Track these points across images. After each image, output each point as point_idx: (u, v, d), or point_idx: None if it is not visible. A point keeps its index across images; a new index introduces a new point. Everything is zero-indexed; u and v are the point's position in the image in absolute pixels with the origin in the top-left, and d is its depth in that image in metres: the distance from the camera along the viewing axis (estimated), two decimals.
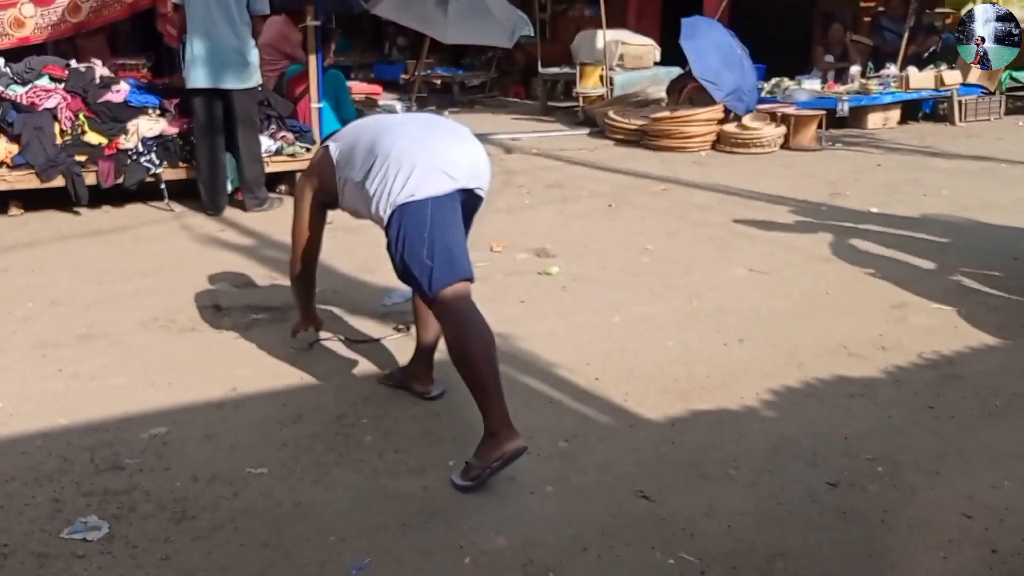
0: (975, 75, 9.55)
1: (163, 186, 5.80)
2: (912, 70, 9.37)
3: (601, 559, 2.23)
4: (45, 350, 3.55)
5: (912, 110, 9.69)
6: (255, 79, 5.70)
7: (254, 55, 5.64)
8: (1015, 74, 9.89)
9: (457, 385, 3.11)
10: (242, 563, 2.21)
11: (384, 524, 2.37)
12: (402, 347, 3.54)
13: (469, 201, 2.82)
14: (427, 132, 2.81)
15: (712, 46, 8.21)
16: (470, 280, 2.73)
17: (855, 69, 9.56)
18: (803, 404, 3.10)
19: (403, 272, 2.73)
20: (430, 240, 2.63)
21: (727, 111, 8.27)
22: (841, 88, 9.27)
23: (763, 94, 8.97)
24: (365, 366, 3.41)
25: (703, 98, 8.27)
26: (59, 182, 5.56)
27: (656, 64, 10.35)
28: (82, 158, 5.63)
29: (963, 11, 10.16)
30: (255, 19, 5.60)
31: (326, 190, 2.98)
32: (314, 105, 6.42)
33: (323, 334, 3.65)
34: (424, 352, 3.12)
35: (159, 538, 2.30)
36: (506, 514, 2.42)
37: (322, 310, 3.96)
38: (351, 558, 2.22)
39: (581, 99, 10.18)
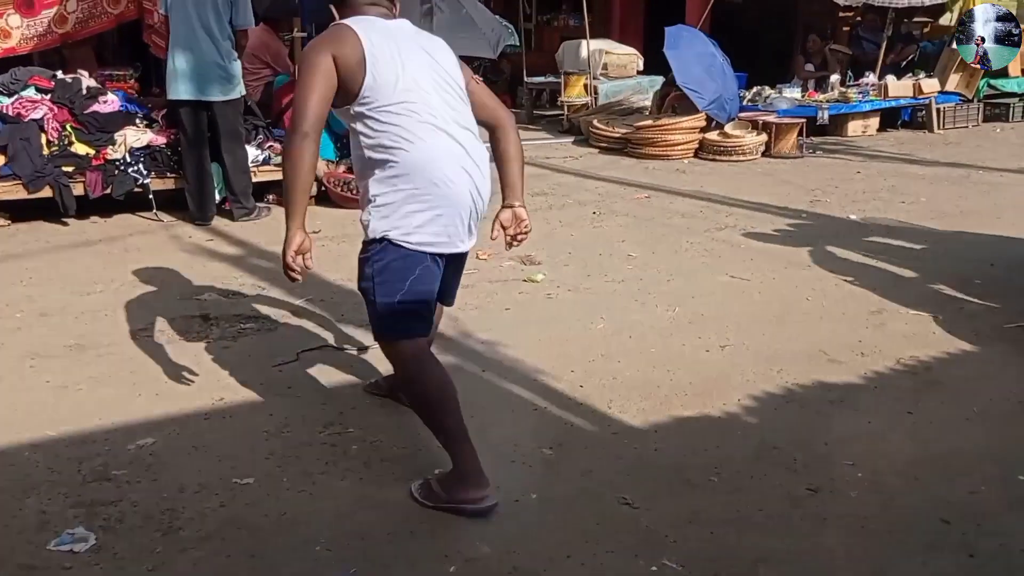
0: (953, 83, 9.67)
1: (151, 196, 5.80)
2: (891, 78, 9.48)
3: (585, 566, 2.26)
4: (34, 361, 3.56)
5: (891, 118, 9.79)
6: (238, 91, 5.71)
7: (236, 68, 5.66)
8: (993, 81, 10.02)
9: None
10: (229, 574, 2.23)
11: (370, 533, 2.40)
12: None
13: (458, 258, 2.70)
14: (458, 160, 2.52)
15: (694, 55, 8.29)
16: (425, 336, 2.63)
17: (835, 78, 9.65)
18: (784, 410, 3.14)
19: (364, 296, 2.59)
20: (408, 290, 2.50)
21: (709, 119, 8.34)
22: (821, 96, 9.36)
23: (744, 102, 9.06)
24: (352, 375, 3.43)
25: (686, 106, 8.35)
26: (46, 193, 5.55)
27: (639, 73, 10.42)
28: (69, 169, 5.62)
29: (941, 19, 10.34)
30: (239, 33, 5.62)
31: (343, 85, 2.48)
32: None
33: (310, 343, 3.68)
34: None
35: (146, 549, 2.32)
36: (491, 522, 2.44)
37: (309, 319, 4.00)
38: (337, 567, 2.25)
39: (566, 108, 10.23)
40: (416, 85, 2.51)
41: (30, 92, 5.74)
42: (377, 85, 2.47)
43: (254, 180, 5.96)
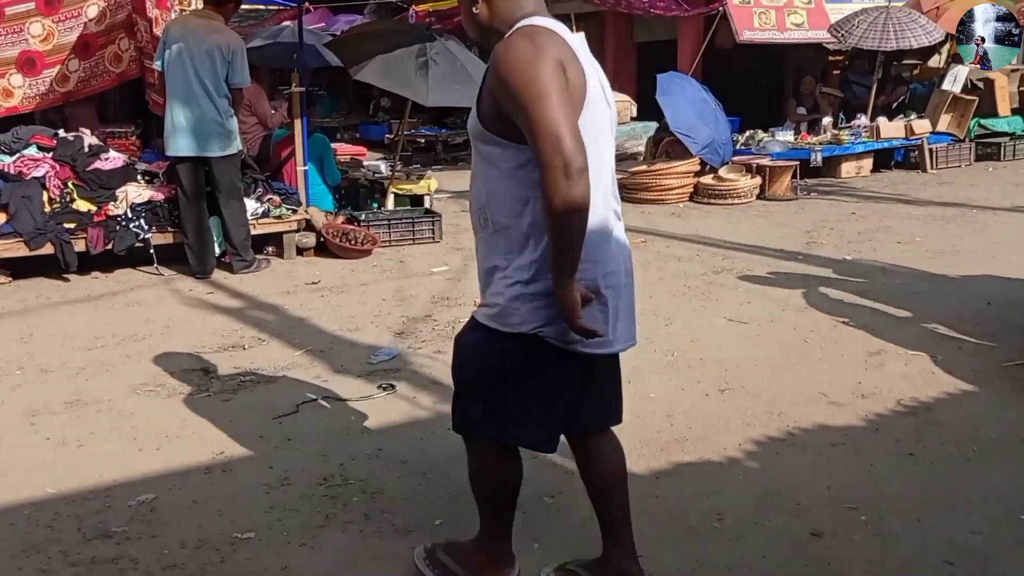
0: (944, 123, 9.80)
1: (152, 251, 5.85)
2: (882, 120, 9.60)
3: None
4: (34, 418, 3.56)
5: (884, 158, 9.90)
6: (235, 146, 5.79)
7: (232, 123, 5.75)
8: (983, 121, 10.15)
9: (446, 440, 3.14)
10: None
11: None
12: (388, 406, 3.57)
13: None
14: (617, 241, 2.13)
15: (686, 101, 8.42)
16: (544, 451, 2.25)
17: (827, 120, 9.78)
18: (785, 454, 3.14)
19: (472, 388, 2.18)
20: (545, 395, 2.11)
21: (703, 163, 8.44)
22: (814, 139, 9.48)
23: (738, 146, 9.17)
24: (351, 426, 3.43)
25: (680, 151, 8.45)
26: (48, 249, 5.60)
27: (633, 119, 10.58)
28: (71, 225, 5.68)
29: (930, 61, 10.50)
30: (235, 91, 5.70)
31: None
32: (300, 168, 6.54)
33: (309, 395, 3.69)
34: (606, 522, 2.36)
35: None
36: None
37: (308, 371, 4.01)
38: None
39: None
40: (603, 136, 2.06)
41: (32, 150, 5.82)
42: (584, 134, 1.93)
43: (253, 233, 6.01)
